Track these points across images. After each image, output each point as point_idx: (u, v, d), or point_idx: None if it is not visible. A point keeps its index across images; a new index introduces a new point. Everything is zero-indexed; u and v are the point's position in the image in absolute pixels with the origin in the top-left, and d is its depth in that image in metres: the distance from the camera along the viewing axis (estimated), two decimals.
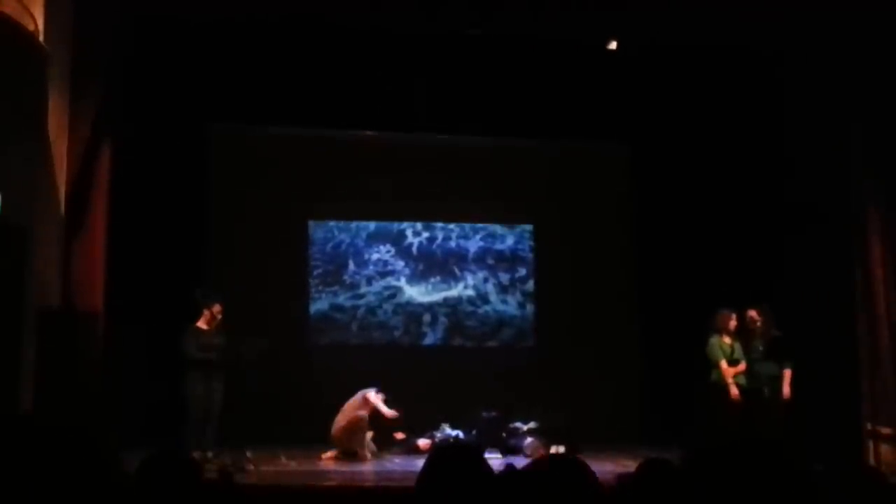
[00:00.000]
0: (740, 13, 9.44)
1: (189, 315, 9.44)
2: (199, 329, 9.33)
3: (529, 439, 10.84)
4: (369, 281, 13.17)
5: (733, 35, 10.01)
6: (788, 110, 10.50)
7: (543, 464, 2.51)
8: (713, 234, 11.52)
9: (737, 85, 11.07)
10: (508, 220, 13.28)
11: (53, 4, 8.31)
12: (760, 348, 9.69)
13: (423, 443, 10.76)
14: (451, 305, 13.30)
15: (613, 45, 10.65)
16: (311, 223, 12.86)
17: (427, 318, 13.24)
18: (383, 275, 13.23)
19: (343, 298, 13.05)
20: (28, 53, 7.86)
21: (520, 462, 10.33)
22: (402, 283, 13.25)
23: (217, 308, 9.37)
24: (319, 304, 12.91)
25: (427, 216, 13.11)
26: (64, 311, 8.44)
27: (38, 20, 8.06)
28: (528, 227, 13.34)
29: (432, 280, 13.31)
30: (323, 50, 10.80)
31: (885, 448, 9.09)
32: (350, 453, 10.13)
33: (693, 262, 11.61)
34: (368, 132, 12.27)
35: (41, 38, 8.09)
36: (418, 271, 13.29)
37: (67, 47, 8.61)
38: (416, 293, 13.26)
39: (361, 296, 13.13)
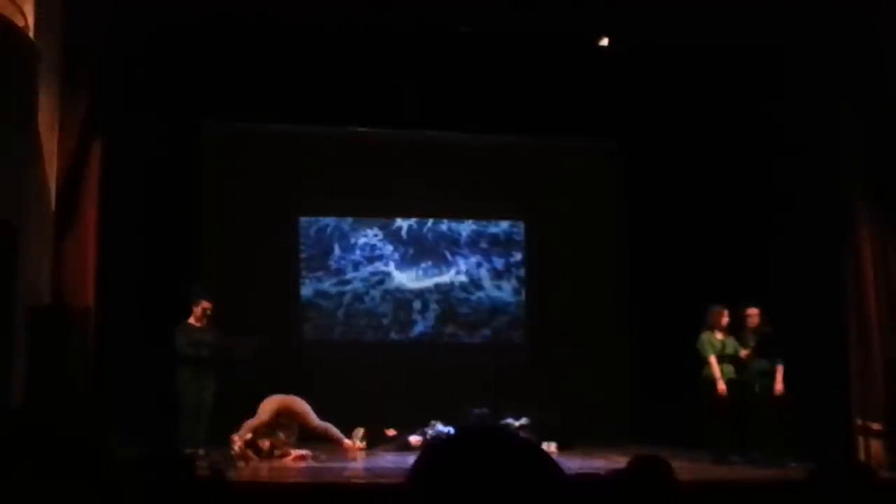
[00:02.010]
0: (731, 11, 9.46)
1: (181, 312, 9.43)
2: (190, 326, 9.31)
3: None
4: (356, 266, 12.74)
5: (724, 33, 10.01)
6: (778, 107, 10.51)
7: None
8: (704, 230, 11.53)
9: (727, 81, 11.07)
10: (500, 216, 13.22)
11: (44, 0, 8.28)
12: (752, 345, 9.72)
13: (414, 440, 10.75)
14: (443, 292, 12.91)
15: (605, 42, 10.65)
16: (301, 219, 12.79)
17: (417, 305, 12.85)
18: (371, 260, 12.80)
19: (328, 284, 12.66)
20: (18, 50, 7.83)
21: None
22: (391, 268, 12.82)
23: (206, 305, 9.35)
24: (303, 291, 12.62)
25: (418, 213, 13.00)
26: (55, 308, 8.42)
27: (28, 16, 8.03)
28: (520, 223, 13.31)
29: (423, 265, 12.90)
30: (313, 47, 10.78)
31: (875, 444, 9.12)
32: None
33: (684, 258, 11.62)
34: (360, 129, 12.26)
35: (31, 34, 8.06)
36: (408, 256, 12.86)
37: (58, 44, 8.57)
38: (406, 279, 12.85)
39: (347, 282, 12.70)
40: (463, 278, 13.03)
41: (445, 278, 12.99)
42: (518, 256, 13.19)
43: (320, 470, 9.21)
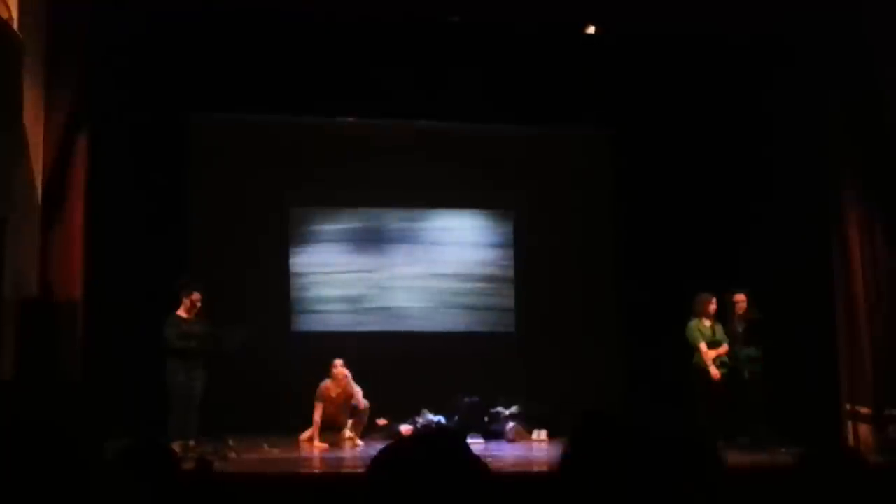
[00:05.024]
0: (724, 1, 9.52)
1: (169, 304, 9.41)
2: (179, 317, 9.30)
3: (511, 424, 10.89)
4: (341, 248, 12.51)
5: (715, 22, 10.02)
6: (769, 95, 10.54)
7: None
8: (694, 218, 11.55)
9: (719, 70, 11.10)
10: (492, 206, 13.14)
11: None
12: (740, 331, 9.75)
13: (405, 428, 10.77)
14: (434, 276, 12.65)
15: (591, 30, 10.64)
16: (292, 210, 12.71)
17: (407, 289, 12.63)
18: (357, 241, 12.57)
19: (313, 268, 12.45)
20: (3, 42, 7.77)
21: (502, 447, 10.32)
22: (378, 250, 12.59)
23: (196, 296, 9.34)
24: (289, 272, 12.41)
25: (409, 203, 12.90)
26: (42, 301, 8.38)
27: (12, 8, 7.97)
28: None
29: (412, 248, 12.66)
30: (302, 37, 10.73)
31: (863, 428, 9.16)
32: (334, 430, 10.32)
33: (678, 245, 11.62)
34: (349, 119, 12.21)
35: (16, 26, 8.00)
36: (396, 238, 12.64)
37: (42, 35, 8.53)
38: (394, 262, 12.59)
39: (332, 265, 12.44)
40: (455, 261, 12.81)
41: (437, 261, 12.75)
42: (513, 240, 13.00)
43: (311, 460, 9.22)
